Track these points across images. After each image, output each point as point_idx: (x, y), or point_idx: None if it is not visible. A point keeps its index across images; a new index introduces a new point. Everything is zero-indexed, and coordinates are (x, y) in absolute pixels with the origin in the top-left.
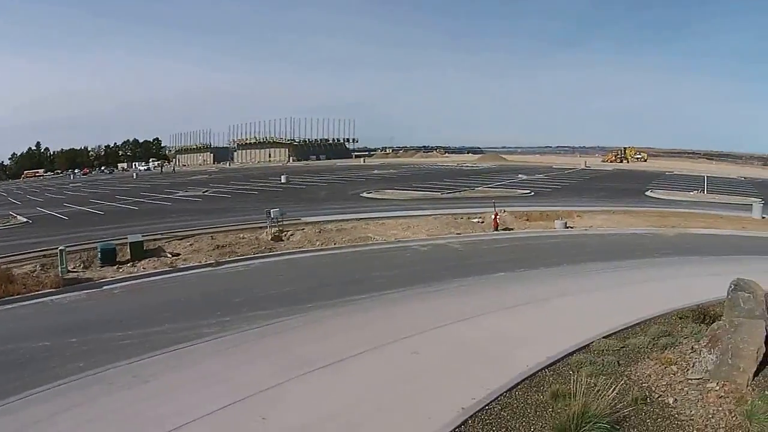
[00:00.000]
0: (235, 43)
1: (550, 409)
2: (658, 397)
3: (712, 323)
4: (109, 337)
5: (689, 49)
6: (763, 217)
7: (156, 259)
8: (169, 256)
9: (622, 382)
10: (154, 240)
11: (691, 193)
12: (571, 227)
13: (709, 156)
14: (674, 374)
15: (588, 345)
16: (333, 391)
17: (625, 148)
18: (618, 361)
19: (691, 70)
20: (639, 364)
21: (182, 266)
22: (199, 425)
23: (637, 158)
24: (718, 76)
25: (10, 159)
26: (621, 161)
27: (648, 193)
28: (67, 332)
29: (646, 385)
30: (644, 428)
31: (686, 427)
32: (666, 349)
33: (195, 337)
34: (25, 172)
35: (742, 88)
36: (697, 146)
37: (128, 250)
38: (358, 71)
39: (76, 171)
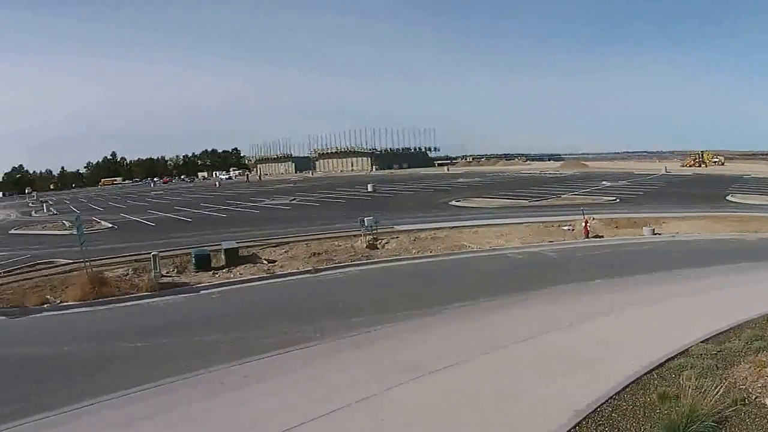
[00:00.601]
0: (308, 55)
1: (658, 410)
2: (755, 398)
3: None
4: (213, 339)
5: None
6: None
7: (252, 265)
8: (265, 262)
9: (724, 384)
10: (248, 247)
11: None
12: (659, 234)
13: None
14: None
15: (687, 349)
16: (442, 395)
17: (702, 152)
18: (716, 365)
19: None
20: (735, 367)
21: (280, 273)
22: (316, 424)
23: (715, 162)
24: None
25: (85, 167)
26: (699, 165)
27: (728, 197)
28: (168, 333)
29: (744, 387)
30: (744, 427)
31: None
32: (759, 352)
33: (302, 341)
34: (103, 180)
35: None
36: None
37: (222, 256)
38: (430, 78)
39: (155, 179)
